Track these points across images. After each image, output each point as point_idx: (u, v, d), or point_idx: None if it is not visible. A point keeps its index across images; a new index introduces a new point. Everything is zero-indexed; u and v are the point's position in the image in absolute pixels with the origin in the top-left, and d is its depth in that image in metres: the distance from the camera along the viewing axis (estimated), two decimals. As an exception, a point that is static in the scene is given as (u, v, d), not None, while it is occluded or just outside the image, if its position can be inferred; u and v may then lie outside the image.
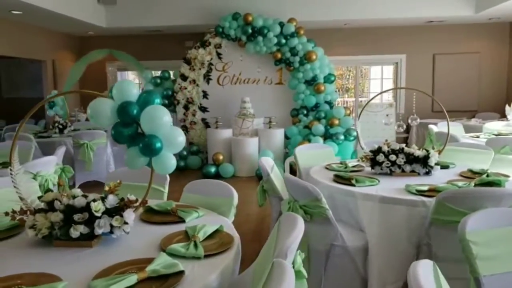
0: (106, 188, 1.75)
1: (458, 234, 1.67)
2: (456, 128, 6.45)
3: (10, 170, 1.72)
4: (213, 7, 7.43)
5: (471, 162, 3.65)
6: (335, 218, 2.49)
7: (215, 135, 7.01)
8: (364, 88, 14.00)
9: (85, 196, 1.68)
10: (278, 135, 7.00)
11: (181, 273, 1.39)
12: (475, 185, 2.61)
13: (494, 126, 6.46)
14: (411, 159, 3.05)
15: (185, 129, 7.51)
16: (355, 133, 6.80)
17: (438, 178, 2.90)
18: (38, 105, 1.66)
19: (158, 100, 1.72)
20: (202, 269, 1.46)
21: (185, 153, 7.25)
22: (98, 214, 1.63)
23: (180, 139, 1.75)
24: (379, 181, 2.80)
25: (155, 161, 1.70)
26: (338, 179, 2.85)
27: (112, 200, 1.69)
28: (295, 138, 6.96)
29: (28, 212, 1.68)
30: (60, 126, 6.23)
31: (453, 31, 8.46)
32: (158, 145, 1.66)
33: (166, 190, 2.64)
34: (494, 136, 5.20)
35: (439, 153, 3.16)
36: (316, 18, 7.46)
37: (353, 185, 2.68)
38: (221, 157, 6.74)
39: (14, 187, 1.72)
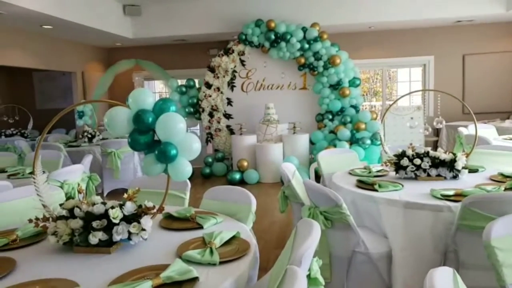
0: (125, 196, 1.79)
1: (483, 241, 1.61)
2: (488, 130, 6.23)
3: (33, 178, 1.78)
4: (236, 15, 7.50)
5: (502, 166, 3.51)
6: (358, 224, 2.44)
7: (239, 141, 7.04)
8: (392, 91, 13.75)
9: (104, 203, 1.72)
10: (302, 140, 6.96)
11: (195, 279, 1.40)
12: (506, 189, 2.51)
13: (529, 127, 6.22)
14: (437, 163, 2.97)
15: (210, 136, 7.59)
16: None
17: (466, 182, 2.81)
18: (56, 118, 1.71)
19: (173, 108, 1.74)
20: (217, 276, 1.46)
21: (210, 160, 7.32)
22: (116, 221, 1.66)
23: (195, 145, 1.77)
24: (403, 186, 2.73)
25: (171, 167, 1.72)
26: (361, 184, 2.81)
27: (130, 207, 1.72)
28: (321, 143, 6.90)
29: (50, 219, 1.73)
30: (89, 136, 6.42)
31: (483, 30, 8.19)
32: (173, 152, 1.68)
33: (187, 196, 2.66)
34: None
35: (466, 156, 3.05)
36: (339, 22, 7.39)
37: (376, 190, 2.63)
38: (245, 164, 6.75)
39: (37, 195, 1.78)
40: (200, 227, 1.97)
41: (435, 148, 8.61)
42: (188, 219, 2.06)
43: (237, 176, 6.66)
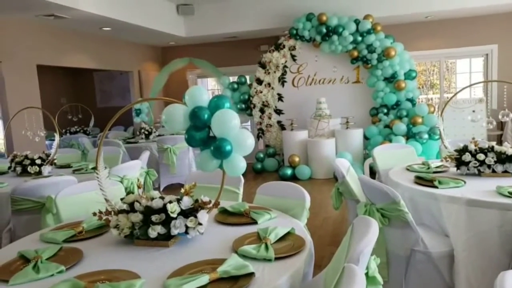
0: (182, 190, 1.83)
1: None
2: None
3: (96, 174, 1.87)
4: (287, 9, 7.45)
5: None
6: (417, 222, 2.35)
7: (290, 137, 7.01)
8: (451, 84, 13.08)
9: (162, 198, 1.77)
10: (356, 135, 6.80)
11: (251, 274, 1.40)
12: None
13: None
14: (503, 158, 2.78)
15: (261, 132, 7.62)
16: (440, 132, 6.36)
17: None
18: (116, 116, 1.78)
19: (228, 105, 1.76)
20: (272, 272, 1.46)
21: (262, 155, 7.35)
22: (174, 215, 1.70)
23: (249, 141, 1.77)
24: (465, 182, 2.59)
25: (226, 163, 1.74)
26: (420, 180, 2.69)
27: (187, 201, 1.76)
28: (375, 138, 6.70)
29: (112, 213, 1.81)
30: (146, 132, 6.68)
31: (555, 14, 7.53)
32: (228, 148, 1.69)
33: (241, 191, 2.69)
34: None
35: (537, 152, 2.82)
36: (394, 13, 7.12)
37: (435, 187, 2.52)
38: (297, 159, 6.71)
39: (100, 189, 1.87)
40: (255, 222, 1.98)
41: (499, 142, 8.09)
42: (242, 214, 2.08)
43: (289, 171, 6.64)
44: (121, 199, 1.83)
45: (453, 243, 2.33)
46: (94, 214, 1.84)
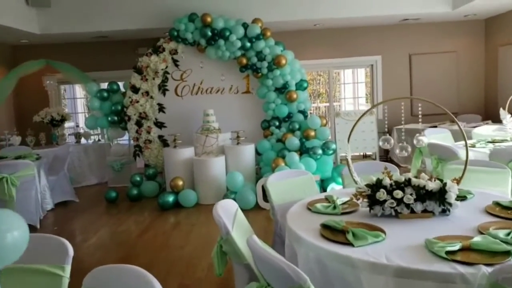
0: None
1: None
2: (444, 136, 5.80)
3: None
4: (166, 8, 6.51)
5: (485, 185, 2.96)
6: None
7: (173, 156, 6.01)
8: (335, 93, 13.44)
9: None
10: (248, 151, 6.08)
11: None
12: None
13: (484, 131, 5.89)
14: (422, 194, 2.25)
15: (139, 149, 6.49)
16: (333, 146, 6.02)
17: (461, 220, 2.17)
18: None
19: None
20: None
21: (138, 179, 6.18)
22: None
23: (10, 237, 0.82)
24: (385, 234, 1.96)
25: None
26: (328, 233, 2.01)
27: None
28: (268, 153, 6.08)
29: None
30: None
31: (429, 29, 7.93)
32: None
33: (67, 273, 1.68)
34: (491, 145, 4.63)
35: (457, 183, 2.34)
36: (283, 18, 6.69)
37: (350, 243, 1.85)
38: (180, 183, 5.69)
39: None
40: None
41: (386, 154, 8.16)
42: None
43: (171, 198, 5.55)
44: None
45: (379, 329, 1.65)
46: None
